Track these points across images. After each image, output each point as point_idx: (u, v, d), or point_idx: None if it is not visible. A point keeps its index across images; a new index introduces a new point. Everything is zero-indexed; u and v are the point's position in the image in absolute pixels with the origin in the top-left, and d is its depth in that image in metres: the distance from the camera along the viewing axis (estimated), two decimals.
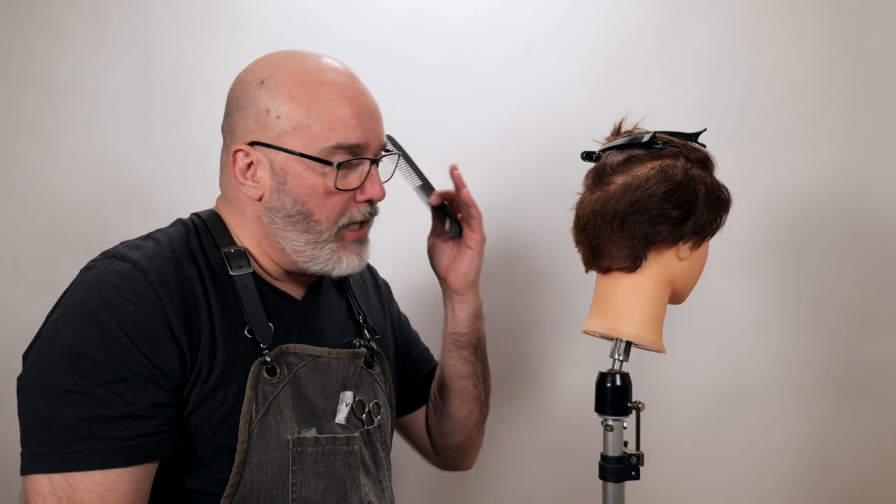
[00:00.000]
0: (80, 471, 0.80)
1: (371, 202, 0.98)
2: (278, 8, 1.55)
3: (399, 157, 1.09)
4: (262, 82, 0.94)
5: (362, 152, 0.95)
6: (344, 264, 0.97)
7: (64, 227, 1.55)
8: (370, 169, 0.96)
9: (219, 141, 1.02)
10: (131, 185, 1.55)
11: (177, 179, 1.54)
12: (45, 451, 0.81)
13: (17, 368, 0.87)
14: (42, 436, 0.81)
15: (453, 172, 1.14)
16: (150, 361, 0.84)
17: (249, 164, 0.95)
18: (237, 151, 0.95)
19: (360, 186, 0.96)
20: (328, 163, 0.92)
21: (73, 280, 0.90)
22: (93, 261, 0.91)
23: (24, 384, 0.85)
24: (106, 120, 1.56)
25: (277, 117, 0.93)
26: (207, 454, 0.89)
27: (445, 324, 1.18)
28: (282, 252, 0.97)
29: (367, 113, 0.96)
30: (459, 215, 1.14)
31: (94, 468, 0.80)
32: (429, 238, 1.17)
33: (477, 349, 1.18)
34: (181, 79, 1.56)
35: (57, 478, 0.80)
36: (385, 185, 1.00)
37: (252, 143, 0.94)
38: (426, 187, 1.14)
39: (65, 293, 0.90)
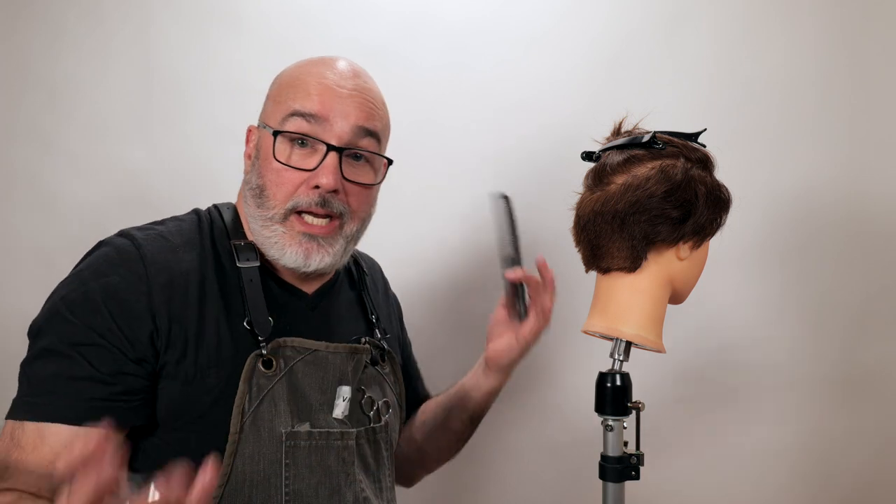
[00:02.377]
0: (38, 421, 0.84)
1: (319, 190, 0.95)
2: (279, 8, 1.55)
3: (507, 219, 1.05)
4: (274, 78, 1.04)
5: (320, 130, 0.95)
6: (287, 255, 0.96)
7: (64, 227, 1.55)
8: (327, 155, 0.95)
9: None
10: (131, 185, 1.55)
11: (177, 179, 1.54)
12: (20, 399, 0.87)
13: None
14: (24, 387, 0.88)
15: (542, 263, 1.08)
16: (121, 332, 0.87)
17: (255, 146, 1.02)
18: (249, 132, 1.04)
19: (313, 170, 0.95)
20: (270, 129, 0.97)
21: (89, 251, 0.95)
22: (108, 236, 0.96)
23: (29, 342, 0.90)
24: (106, 120, 1.56)
25: (268, 98, 1.03)
26: (193, 437, 0.90)
27: (466, 377, 1.18)
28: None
29: (338, 98, 0.96)
30: (528, 298, 1.08)
31: (45, 420, 0.84)
32: (499, 304, 1.12)
33: (475, 418, 1.18)
34: (181, 79, 1.56)
35: (17, 424, 0.85)
36: (377, 187, 1.01)
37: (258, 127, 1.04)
38: (513, 261, 1.05)
39: (78, 263, 0.95)
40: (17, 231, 1.55)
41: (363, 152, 0.99)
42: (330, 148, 0.95)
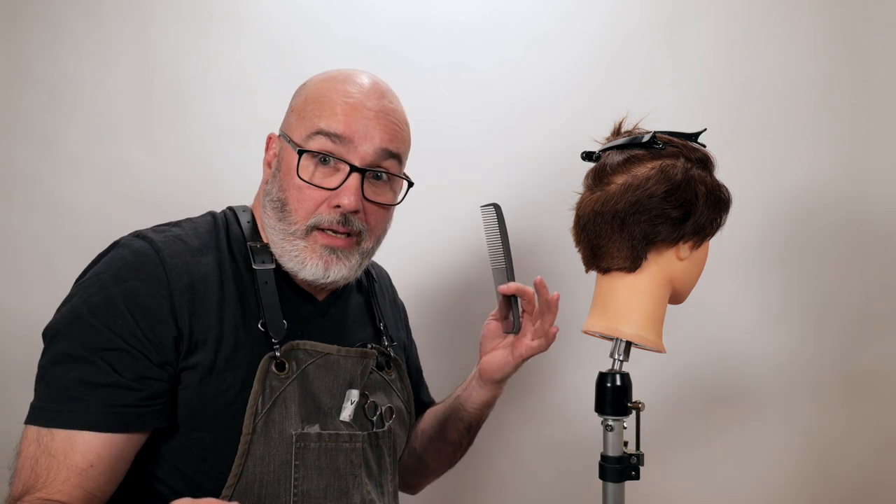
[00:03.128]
0: (64, 428, 0.85)
1: (340, 209, 0.95)
2: (279, 8, 1.55)
3: (497, 231, 1.06)
4: (299, 88, 1.03)
5: (344, 150, 0.95)
6: (308, 268, 0.96)
7: (64, 227, 1.55)
8: (350, 176, 0.95)
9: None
10: (131, 185, 1.55)
11: (176, 179, 1.54)
12: (42, 405, 0.86)
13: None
14: (42, 392, 0.87)
15: (540, 284, 1.05)
16: (145, 336, 0.87)
17: (275, 155, 1.02)
18: (270, 139, 1.04)
19: (335, 190, 0.95)
20: (294, 145, 0.96)
21: (102, 251, 0.95)
22: (123, 237, 0.95)
23: (44, 345, 0.90)
24: (106, 120, 1.56)
25: (292, 110, 1.02)
26: (208, 437, 0.90)
27: (460, 387, 1.18)
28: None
29: (363, 119, 0.96)
30: (522, 312, 1.08)
31: (75, 428, 0.84)
32: (491, 315, 1.13)
33: (471, 429, 1.18)
34: (181, 79, 1.56)
35: (44, 430, 0.85)
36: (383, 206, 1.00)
37: (279, 135, 1.03)
38: (506, 273, 1.06)
39: (91, 262, 0.94)
40: (17, 231, 1.55)
41: (384, 173, 1.00)
42: (353, 169, 0.95)
